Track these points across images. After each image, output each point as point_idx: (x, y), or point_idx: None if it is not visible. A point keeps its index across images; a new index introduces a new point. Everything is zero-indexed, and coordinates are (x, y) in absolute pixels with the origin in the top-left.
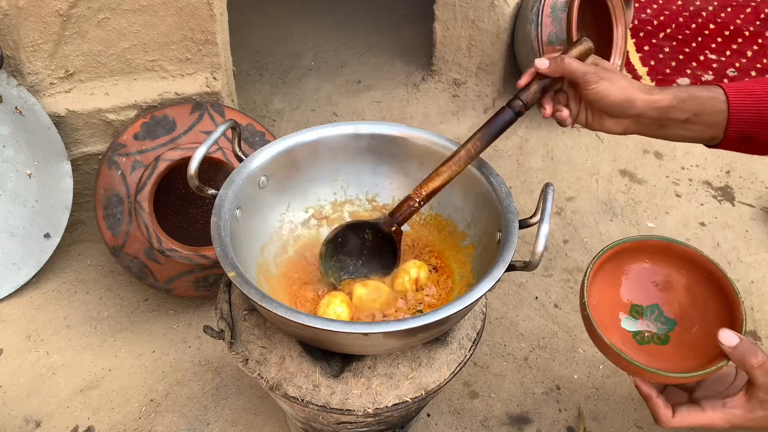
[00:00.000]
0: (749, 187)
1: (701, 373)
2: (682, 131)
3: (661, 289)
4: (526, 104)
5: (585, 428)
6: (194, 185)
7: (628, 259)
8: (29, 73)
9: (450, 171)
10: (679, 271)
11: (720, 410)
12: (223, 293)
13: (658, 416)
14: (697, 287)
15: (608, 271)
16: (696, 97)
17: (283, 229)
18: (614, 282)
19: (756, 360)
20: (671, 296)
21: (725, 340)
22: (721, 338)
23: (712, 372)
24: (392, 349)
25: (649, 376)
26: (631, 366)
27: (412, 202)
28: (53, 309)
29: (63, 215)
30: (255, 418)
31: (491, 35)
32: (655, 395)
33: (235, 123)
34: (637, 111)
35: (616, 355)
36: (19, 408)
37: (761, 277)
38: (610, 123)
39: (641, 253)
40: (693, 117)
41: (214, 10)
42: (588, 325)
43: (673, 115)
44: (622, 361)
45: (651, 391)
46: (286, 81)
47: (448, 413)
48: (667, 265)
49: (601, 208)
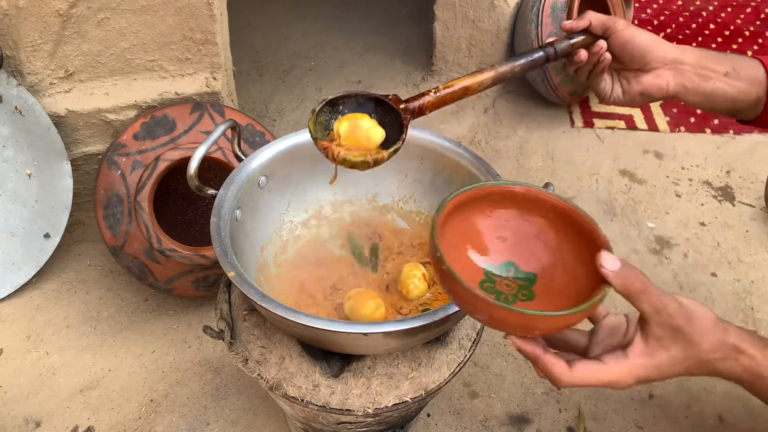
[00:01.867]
0: (749, 187)
1: (588, 305)
2: (725, 87)
3: (511, 243)
4: (556, 50)
5: (585, 428)
6: (194, 185)
7: (465, 216)
8: (29, 73)
9: (472, 81)
10: (522, 218)
11: (623, 362)
12: (222, 293)
13: (553, 375)
14: (547, 231)
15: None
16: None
17: (283, 229)
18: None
19: (641, 284)
20: (523, 249)
21: (607, 264)
22: (602, 261)
23: (599, 301)
24: (392, 349)
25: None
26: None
27: (428, 96)
28: (53, 309)
29: (63, 215)
30: (255, 418)
31: (491, 35)
32: (542, 352)
33: (235, 123)
34: (672, 55)
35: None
36: (19, 408)
37: (761, 277)
38: (649, 78)
39: (479, 206)
40: (732, 71)
41: (214, 10)
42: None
43: (711, 65)
44: (497, 312)
45: (536, 349)
46: (286, 81)
47: (448, 413)
48: (509, 214)
49: (601, 208)
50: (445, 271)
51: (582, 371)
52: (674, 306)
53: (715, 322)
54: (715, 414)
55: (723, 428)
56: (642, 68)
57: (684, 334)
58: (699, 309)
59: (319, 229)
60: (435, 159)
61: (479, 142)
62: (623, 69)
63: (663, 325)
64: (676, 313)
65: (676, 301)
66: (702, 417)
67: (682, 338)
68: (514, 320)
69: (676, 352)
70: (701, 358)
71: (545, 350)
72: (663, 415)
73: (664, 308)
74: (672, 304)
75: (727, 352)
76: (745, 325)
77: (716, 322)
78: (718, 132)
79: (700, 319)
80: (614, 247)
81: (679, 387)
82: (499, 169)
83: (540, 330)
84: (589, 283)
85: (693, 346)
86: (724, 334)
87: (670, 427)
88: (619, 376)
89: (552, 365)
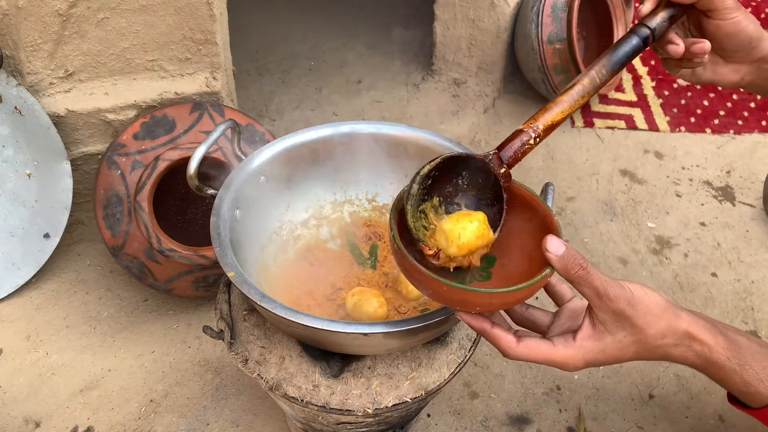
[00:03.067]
0: (750, 187)
1: (527, 284)
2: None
3: None
4: (653, 31)
5: (585, 428)
6: (194, 185)
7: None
8: (29, 73)
9: (571, 101)
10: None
11: (571, 345)
12: (222, 293)
13: (500, 347)
14: (509, 216)
15: None
16: None
17: (283, 229)
18: None
19: (581, 269)
20: None
21: (552, 248)
22: (547, 245)
23: (539, 281)
24: (392, 350)
25: (474, 299)
26: (452, 291)
27: (525, 137)
28: (53, 309)
29: (62, 215)
30: (255, 418)
31: (491, 35)
32: (489, 326)
33: (235, 123)
34: (764, 53)
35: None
36: (19, 408)
37: (761, 277)
38: (726, 70)
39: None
40: None
41: (214, 10)
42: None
43: None
44: (439, 287)
45: (483, 323)
46: (286, 81)
47: (448, 413)
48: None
49: (601, 208)
50: (396, 249)
51: (529, 347)
52: (616, 291)
53: (664, 308)
54: (715, 414)
55: (723, 428)
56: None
57: (627, 318)
58: (647, 295)
59: (319, 229)
60: None
61: (479, 142)
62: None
63: (605, 309)
64: (617, 298)
65: (620, 287)
66: (702, 417)
67: (627, 323)
68: (454, 296)
69: (621, 337)
70: (649, 343)
71: (493, 325)
72: (663, 415)
73: (605, 292)
74: (614, 289)
75: (678, 338)
76: (745, 325)
77: (666, 308)
78: (718, 132)
79: (646, 304)
80: (614, 247)
81: (679, 387)
82: None
83: (480, 306)
84: (541, 264)
85: (638, 330)
86: (675, 319)
87: (670, 427)
88: (565, 358)
89: (498, 338)
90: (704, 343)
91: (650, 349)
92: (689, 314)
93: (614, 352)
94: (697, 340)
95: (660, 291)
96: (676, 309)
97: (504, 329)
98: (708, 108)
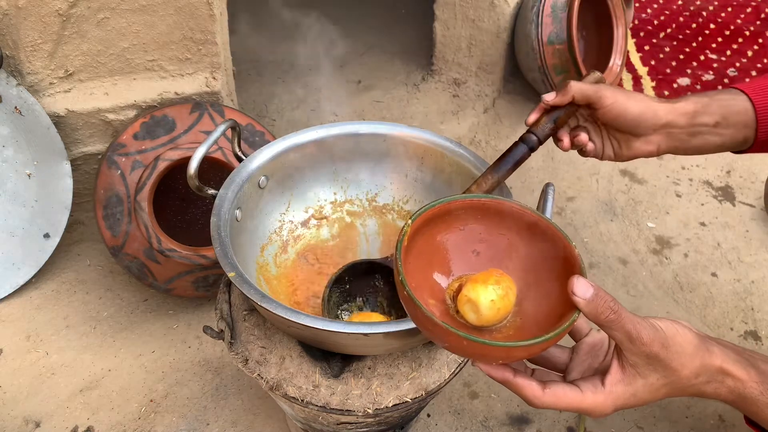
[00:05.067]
0: (749, 187)
1: (553, 335)
2: (714, 138)
3: (485, 258)
4: (539, 138)
5: (585, 428)
6: (194, 185)
7: (434, 233)
8: (29, 73)
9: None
10: (499, 232)
11: (601, 392)
12: (222, 293)
13: (525, 396)
14: (522, 246)
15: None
16: (718, 99)
17: (283, 229)
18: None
19: (612, 313)
20: (497, 265)
21: (579, 291)
22: (573, 288)
23: (565, 329)
24: (392, 350)
25: (495, 353)
26: (473, 346)
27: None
28: (53, 309)
29: (62, 215)
30: (255, 418)
31: (491, 35)
32: (511, 376)
33: (235, 123)
34: (663, 121)
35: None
36: (19, 408)
37: (761, 277)
38: (639, 144)
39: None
40: (722, 120)
41: (214, 10)
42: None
43: (701, 120)
44: (460, 342)
45: (505, 374)
46: (286, 81)
47: (448, 413)
48: (483, 227)
49: (601, 208)
50: (407, 296)
51: (556, 395)
52: (649, 333)
53: (697, 346)
54: (716, 414)
55: (723, 428)
56: (632, 133)
57: (661, 361)
58: (679, 333)
59: (319, 229)
60: (435, 159)
61: (479, 142)
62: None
63: (638, 353)
64: (651, 341)
65: (652, 327)
66: (702, 417)
67: (660, 365)
68: (475, 350)
69: (653, 380)
70: (683, 384)
71: (515, 373)
72: (663, 416)
73: (638, 336)
74: (646, 331)
75: (711, 376)
76: (745, 325)
77: (698, 345)
78: None
79: (679, 344)
80: (614, 247)
81: None
82: None
83: (501, 359)
84: (562, 304)
85: (672, 372)
86: (709, 356)
87: (670, 427)
88: (594, 405)
89: (523, 388)
90: (737, 378)
91: (683, 388)
92: (721, 349)
93: (645, 396)
94: (730, 375)
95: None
96: (708, 344)
97: (527, 377)
98: None
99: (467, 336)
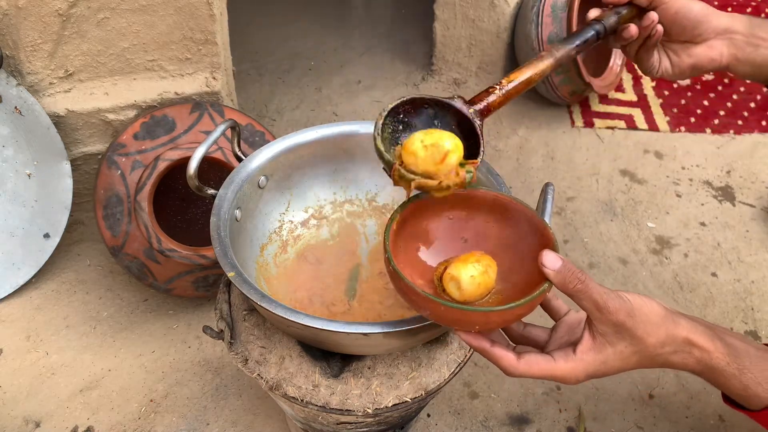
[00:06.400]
0: (750, 187)
1: (525, 300)
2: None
3: (471, 244)
4: (605, 27)
5: (585, 428)
6: (194, 185)
7: (424, 220)
8: (29, 73)
9: (534, 68)
10: (485, 219)
11: (572, 359)
12: (222, 293)
13: (501, 364)
14: (506, 230)
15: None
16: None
17: (283, 229)
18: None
19: (580, 282)
20: (483, 249)
21: (548, 262)
22: (543, 260)
23: (537, 296)
24: (392, 349)
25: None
26: (450, 311)
27: (492, 89)
28: (53, 309)
29: (62, 215)
30: (255, 418)
31: (491, 35)
32: (488, 346)
33: (235, 123)
34: (724, 24)
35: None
36: (19, 408)
37: (761, 277)
38: (701, 51)
39: (441, 208)
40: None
41: (214, 10)
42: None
43: (759, 33)
44: (436, 308)
45: (483, 343)
46: (286, 81)
47: (448, 413)
48: (471, 215)
49: (601, 208)
50: (392, 271)
51: (530, 363)
52: (615, 303)
53: (663, 317)
54: (715, 414)
55: (723, 428)
56: (692, 39)
57: (627, 330)
58: (645, 304)
59: (319, 229)
60: None
61: None
62: (671, 41)
63: (605, 321)
64: (617, 310)
65: (619, 298)
66: (702, 417)
67: (627, 333)
68: (453, 315)
69: (622, 347)
70: (650, 352)
71: (492, 344)
72: (663, 416)
73: (605, 305)
74: (613, 301)
75: (678, 346)
76: (745, 325)
77: (664, 317)
78: (718, 132)
79: (645, 314)
80: (614, 247)
81: (679, 387)
82: (499, 169)
83: (479, 324)
84: (540, 280)
85: (639, 341)
86: (674, 327)
87: (670, 427)
88: (566, 372)
89: (499, 357)
90: (704, 349)
91: (651, 357)
92: (688, 321)
93: (615, 363)
94: (696, 346)
95: (658, 298)
96: (674, 316)
97: (504, 347)
98: (708, 108)
99: (444, 302)
